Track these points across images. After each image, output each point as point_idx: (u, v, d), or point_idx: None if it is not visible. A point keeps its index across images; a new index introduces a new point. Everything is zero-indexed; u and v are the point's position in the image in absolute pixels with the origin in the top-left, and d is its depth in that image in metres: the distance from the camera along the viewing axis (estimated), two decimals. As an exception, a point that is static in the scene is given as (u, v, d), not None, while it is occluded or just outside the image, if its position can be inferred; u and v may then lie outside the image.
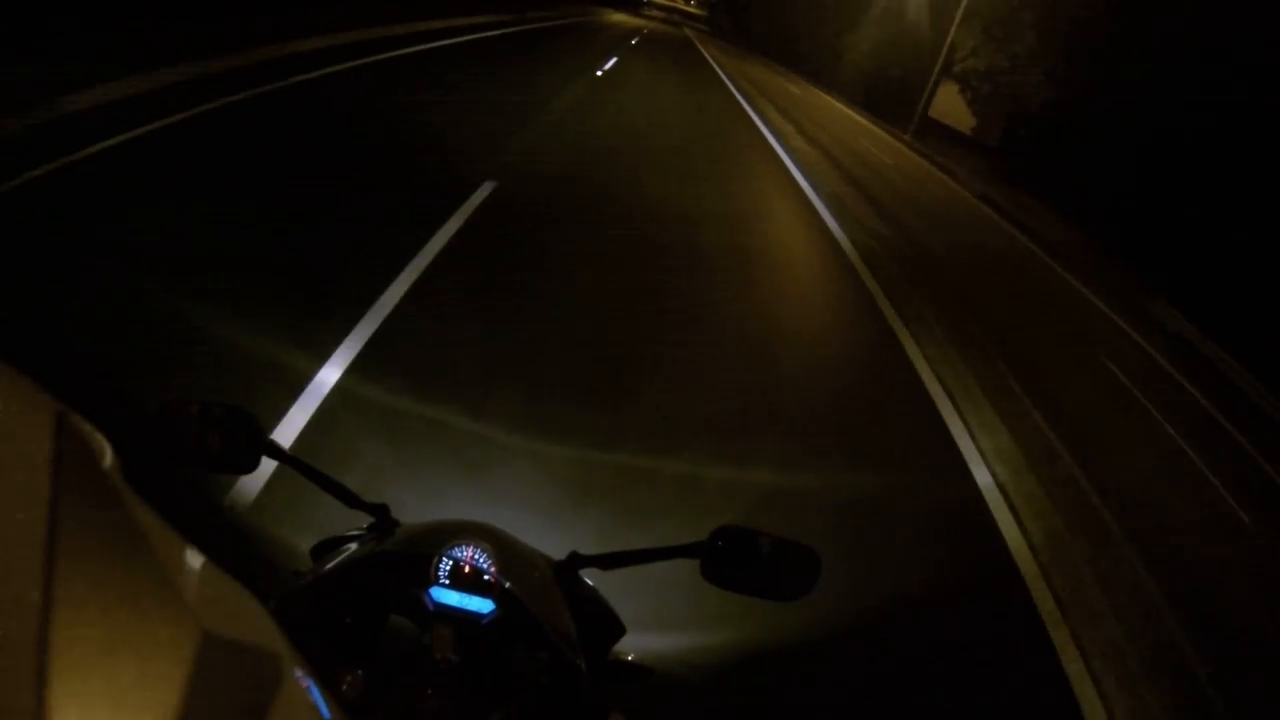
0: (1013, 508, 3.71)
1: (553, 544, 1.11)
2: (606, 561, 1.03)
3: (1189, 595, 3.58)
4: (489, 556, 0.91)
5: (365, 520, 1.05)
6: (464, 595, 0.90)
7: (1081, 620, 3.10)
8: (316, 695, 0.30)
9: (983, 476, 3.91)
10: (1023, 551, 3.43)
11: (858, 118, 21.65)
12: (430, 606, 0.90)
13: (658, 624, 2.29)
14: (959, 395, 4.69)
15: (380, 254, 4.03)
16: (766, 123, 13.83)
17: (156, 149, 4.58)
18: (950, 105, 21.73)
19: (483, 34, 13.21)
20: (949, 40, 18.13)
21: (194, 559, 0.28)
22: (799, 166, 10.45)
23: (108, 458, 0.27)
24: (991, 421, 4.52)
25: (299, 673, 0.29)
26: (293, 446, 2.57)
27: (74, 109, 4.66)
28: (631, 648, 1.09)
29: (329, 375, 2.95)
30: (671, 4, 63.27)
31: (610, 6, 37.46)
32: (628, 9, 42.30)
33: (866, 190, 10.42)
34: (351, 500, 1.02)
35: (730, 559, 0.98)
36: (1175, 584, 3.60)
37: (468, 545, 0.92)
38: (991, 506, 3.68)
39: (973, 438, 4.25)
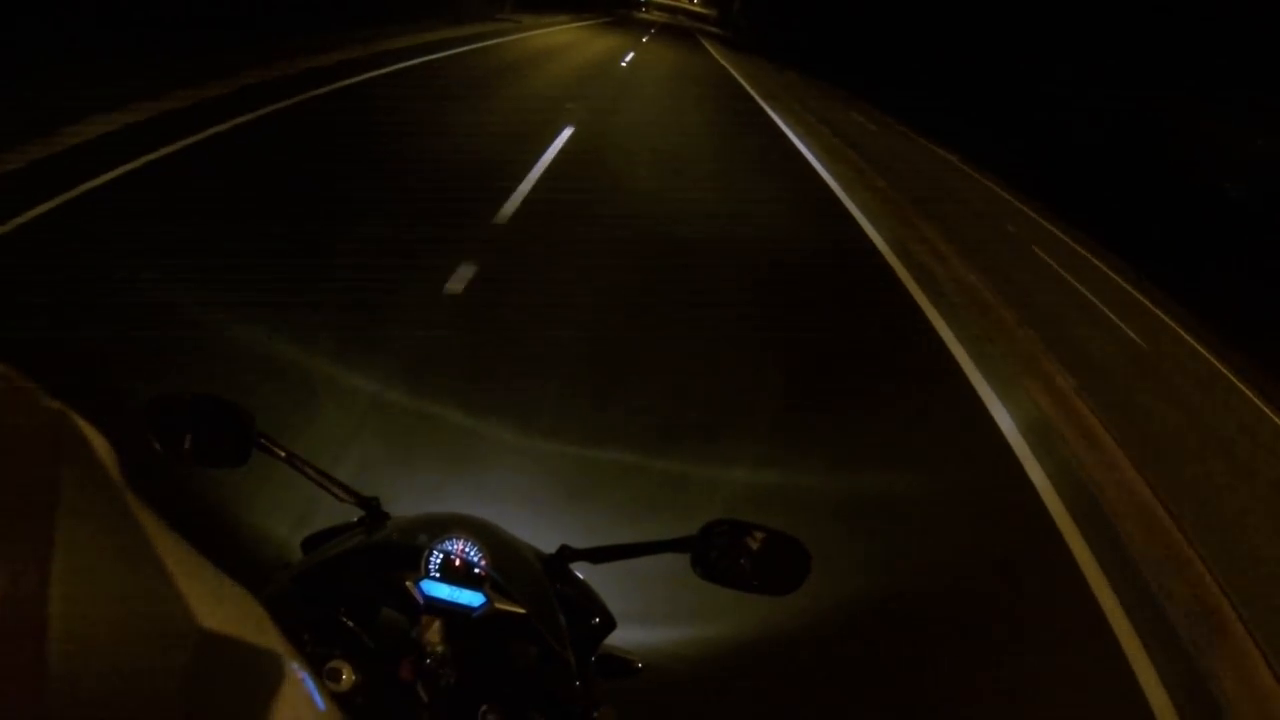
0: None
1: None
2: (596, 555, 1.03)
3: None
4: (479, 550, 0.92)
5: (356, 513, 1.05)
6: (454, 588, 0.90)
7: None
8: (312, 689, 0.31)
9: None
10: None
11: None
12: (420, 599, 0.90)
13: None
14: None
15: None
16: None
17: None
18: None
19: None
20: None
21: (193, 557, 0.28)
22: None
23: (108, 457, 0.27)
24: None
25: (295, 667, 0.30)
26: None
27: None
28: (622, 642, 1.09)
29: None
30: (675, 3, 61.33)
31: (566, 10, 24.56)
32: (602, 11, 30.07)
33: None
34: (342, 493, 1.02)
35: (721, 554, 0.99)
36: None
37: (458, 539, 0.92)
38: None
39: None
